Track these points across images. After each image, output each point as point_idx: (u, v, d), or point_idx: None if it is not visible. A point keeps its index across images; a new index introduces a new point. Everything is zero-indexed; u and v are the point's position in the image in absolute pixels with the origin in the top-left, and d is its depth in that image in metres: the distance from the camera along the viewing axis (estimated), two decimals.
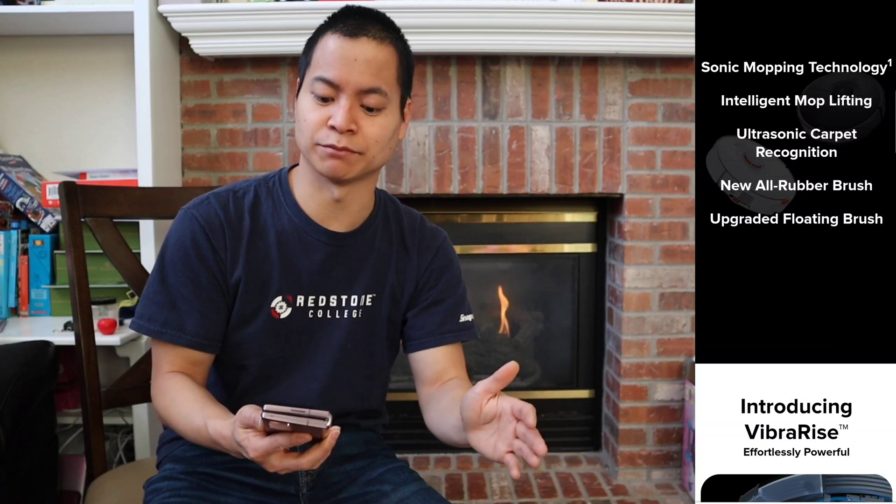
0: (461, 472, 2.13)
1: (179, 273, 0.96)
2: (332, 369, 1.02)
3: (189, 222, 0.97)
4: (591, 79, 1.96)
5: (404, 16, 1.78)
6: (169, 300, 0.96)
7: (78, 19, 1.78)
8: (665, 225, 2.00)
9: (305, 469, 0.78)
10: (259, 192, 1.01)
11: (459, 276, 1.11)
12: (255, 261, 0.98)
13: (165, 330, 0.96)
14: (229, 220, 0.98)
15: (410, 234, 1.08)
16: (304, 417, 0.73)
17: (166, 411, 0.95)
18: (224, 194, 1.00)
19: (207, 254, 0.96)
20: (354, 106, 0.91)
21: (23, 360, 1.41)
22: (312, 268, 1.00)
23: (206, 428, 0.84)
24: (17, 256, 1.81)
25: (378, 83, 0.92)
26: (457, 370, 1.07)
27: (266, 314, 0.99)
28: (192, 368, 0.98)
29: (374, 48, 0.91)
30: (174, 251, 0.97)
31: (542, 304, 2.33)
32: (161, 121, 1.79)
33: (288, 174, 1.03)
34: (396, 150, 1.94)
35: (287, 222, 1.00)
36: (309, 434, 0.74)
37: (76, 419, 1.80)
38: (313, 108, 0.92)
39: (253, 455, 0.76)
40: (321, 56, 0.92)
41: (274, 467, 0.77)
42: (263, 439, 0.75)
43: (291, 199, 1.01)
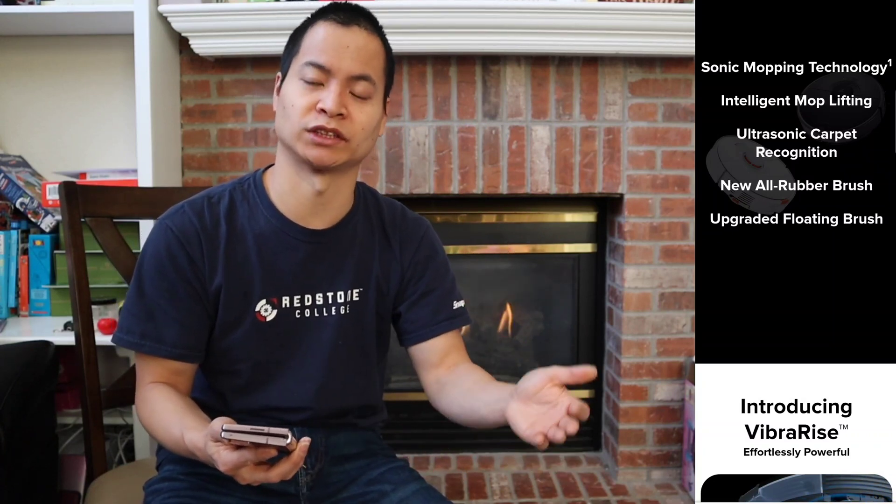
0: (461, 471, 2.13)
1: (156, 285, 0.96)
2: (326, 368, 1.02)
3: (164, 233, 0.97)
4: (591, 79, 1.96)
5: (405, 16, 1.79)
6: (147, 312, 0.96)
7: (78, 19, 1.78)
8: (665, 225, 2.00)
9: (275, 482, 0.79)
10: (234, 196, 1.01)
11: (447, 264, 1.11)
12: (234, 266, 0.98)
13: (144, 342, 0.96)
14: (204, 227, 0.98)
15: (391, 225, 1.08)
16: (264, 435, 0.74)
17: (148, 423, 0.96)
18: (198, 202, 1.00)
19: (184, 264, 0.96)
20: (344, 92, 0.92)
21: (23, 360, 1.41)
22: (294, 267, 1.00)
23: (182, 439, 0.85)
24: (17, 256, 1.81)
25: (368, 71, 0.93)
26: (460, 354, 1.08)
27: (251, 318, 0.99)
28: (175, 378, 0.98)
29: (365, 37, 0.93)
30: (150, 263, 0.97)
31: (542, 304, 2.33)
32: (161, 121, 1.79)
33: (262, 175, 1.03)
34: (396, 150, 1.95)
35: (264, 224, 0.99)
36: (274, 449, 0.76)
37: (76, 419, 1.80)
38: (302, 93, 0.92)
39: (223, 469, 0.77)
40: (311, 43, 0.93)
41: (245, 480, 0.78)
42: (232, 453, 0.76)
43: (267, 200, 1.00)
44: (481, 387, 0.98)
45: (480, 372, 1.03)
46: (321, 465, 1.03)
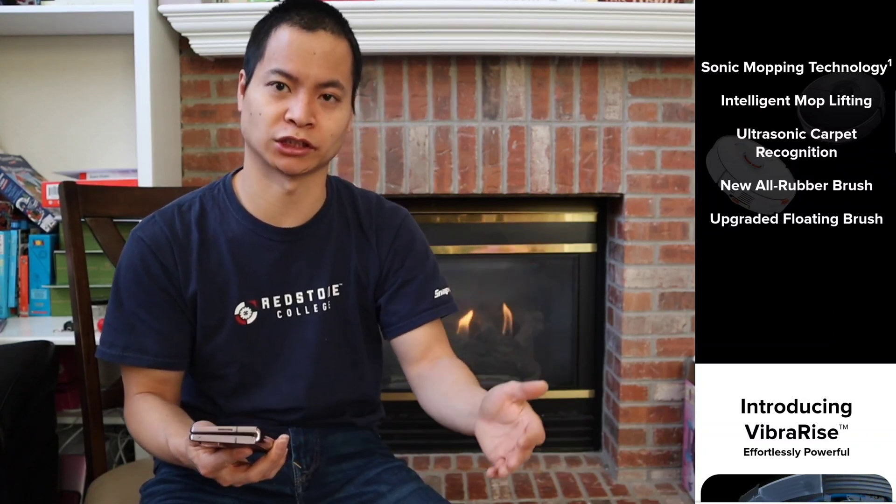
0: (461, 472, 2.13)
1: (133, 296, 0.97)
2: (315, 365, 1.02)
3: (137, 245, 0.98)
4: (591, 79, 1.96)
5: (405, 16, 1.79)
6: (127, 324, 0.97)
7: (78, 19, 1.78)
8: (665, 225, 2.00)
9: (255, 481, 0.79)
10: (205, 202, 1.01)
11: (426, 252, 1.09)
12: (208, 272, 0.98)
13: (127, 354, 0.97)
14: (175, 236, 0.98)
15: (367, 216, 1.07)
16: (232, 435, 0.74)
17: (136, 433, 0.96)
18: (169, 211, 1.00)
19: (158, 273, 0.97)
20: (312, 99, 0.91)
21: (23, 360, 1.41)
22: (270, 268, 1.00)
23: (168, 446, 0.85)
24: (17, 256, 1.81)
25: (336, 76, 0.92)
26: (442, 347, 1.06)
27: (231, 322, 0.99)
28: (160, 387, 0.99)
29: (331, 42, 0.91)
30: (126, 275, 0.98)
31: (542, 304, 2.33)
32: (161, 121, 1.79)
33: (232, 179, 1.03)
34: (396, 150, 1.95)
35: (236, 227, 0.99)
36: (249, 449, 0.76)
37: (76, 419, 1.79)
38: (269, 101, 0.91)
39: (203, 472, 0.77)
40: (277, 48, 0.91)
41: (226, 482, 0.79)
42: (210, 456, 0.76)
43: (237, 203, 1.00)
44: (457, 392, 0.95)
45: (459, 371, 1.00)
46: (317, 465, 1.03)
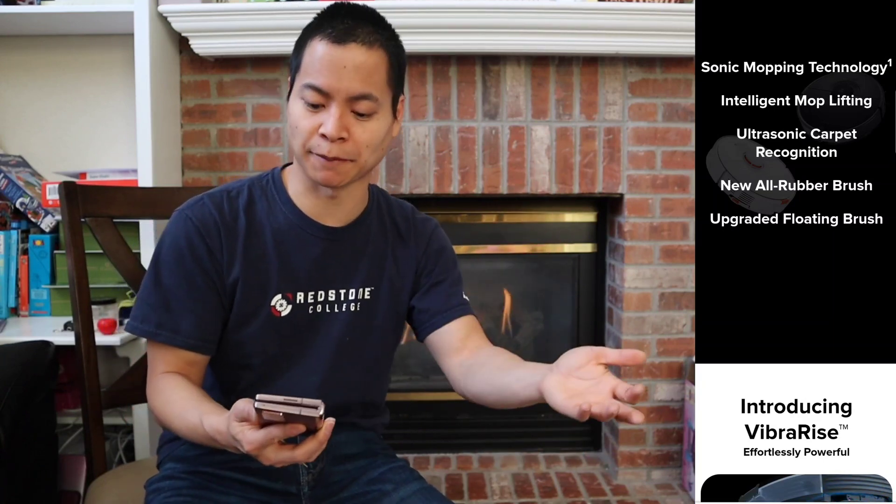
0: (461, 471, 2.13)
1: (174, 274, 0.96)
2: (331, 362, 1.02)
3: (184, 223, 0.97)
4: (591, 79, 1.96)
5: (404, 16, 1.79)
6: (163, 301, 0.96)
7: (78, 19, 1.78)
8: (665, 225, 2.00)
9: (301, 461, 0.78)
10: (253, 191, 1.02)
11: (455, 259, 1.13)
12: (252, 260, 0.98)
13: (160, 331, 0.96)
14: (224, 220, 0.98)
15: (404, 223, 1.09)
16: (297, 406, 0.72)
17: (162, 411, 0.95)
18: (218, 195, 1.00)
19: (203, 254, 0.96)
20: (345, 113, 0.91)
21: (23, 360, 1.41)
22: (310, 264, 1.01)
23: (201, 425, 0.84)
24: (17, 256, 1.81)
25: (368, 89, 0.91)
26: (480, 337, 1.08)
27: (266, 313, 0.99)
28: (188, 369, 0.98)
29: (363, 53, 0.90)
30: (169, 252, 0.97)
31: (542, 304, 2.33)
32: (161, 121, 1.79)
33: (281, 172, 1.04)
34: (396, 150, 1.95)
35: (282, 220, 1.00)
36: (303, 424, 0.74)
37: (76, 419, 1.80)
38: (304, 115, 0.92)
39: (248, 448, 0.75)
40: (310, 62, 0.91)
41: (269, 460, 0.77)
42: (258, 431, 0.75)
43: (286, 196, 1.01)
44: (514, 364, 0.96)
45: (510, 353, 1.02)
46: (322, 465, 1.03)
